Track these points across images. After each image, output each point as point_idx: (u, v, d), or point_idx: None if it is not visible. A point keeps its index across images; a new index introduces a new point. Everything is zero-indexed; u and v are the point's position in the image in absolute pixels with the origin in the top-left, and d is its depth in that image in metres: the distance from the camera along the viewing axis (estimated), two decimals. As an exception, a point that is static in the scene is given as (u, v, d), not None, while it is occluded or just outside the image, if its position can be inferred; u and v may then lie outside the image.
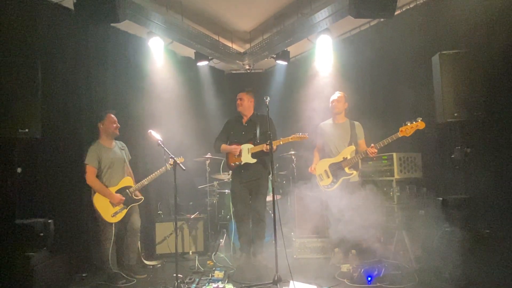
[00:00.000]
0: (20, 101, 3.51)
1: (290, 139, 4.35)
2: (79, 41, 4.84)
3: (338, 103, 4.64)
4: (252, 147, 4.60)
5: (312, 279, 3.81)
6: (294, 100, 6.47)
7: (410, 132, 4.05)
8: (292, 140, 4.36)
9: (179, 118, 6.17)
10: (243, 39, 6.57)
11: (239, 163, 4.66)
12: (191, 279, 4.05)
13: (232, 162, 4.74)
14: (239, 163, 4.65)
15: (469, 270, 3.32)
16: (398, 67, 5.10)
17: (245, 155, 4.63)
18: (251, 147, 4.61)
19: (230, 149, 4.73)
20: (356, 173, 4.50)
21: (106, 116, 4.41)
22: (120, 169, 4.47)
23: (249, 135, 4.69)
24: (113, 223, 4.23)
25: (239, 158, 4.64)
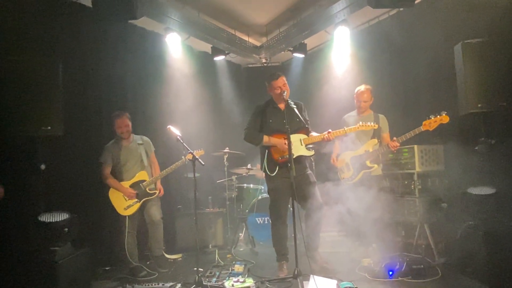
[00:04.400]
0: (42, 100, 3.58)
1: (358, 128, 4.05)
2: (97, 38, 4.90)
3: (364, 96, 4.55)
4: (307, 138, 4.09)
5: (332, 274, 3.79)
6: (312, 93, 6.41)
7: (434, 126, 3.96)
8: (359, 129, 4.07)
9: (197, 113, 6.21)
10: (259, 33, 6.53)
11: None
12: (211, 273, 4.09)
13: (280, 156, 4.08)
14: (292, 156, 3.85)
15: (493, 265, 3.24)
16: (418, 58, 4.97)
17: (297, 147, 4.05)
18: (304, 138, 4.11)
19: (279, 143, 4.04)
20: (378, 166, 4.44)
21: (115, 120, 4.50)
22: (136, 164, 4.55)
23: (293, 123, 3.97)
24: (126, 216, 4.35)
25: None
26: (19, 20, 3.97)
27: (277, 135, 4.08)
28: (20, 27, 3.97)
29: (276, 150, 4.10)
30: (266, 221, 5.56)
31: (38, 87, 3.56)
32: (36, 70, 3.58)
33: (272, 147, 4.12)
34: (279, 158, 4.08)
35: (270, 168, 4.10)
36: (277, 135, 4.08)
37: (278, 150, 4.09)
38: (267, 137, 4.11)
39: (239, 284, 3.25)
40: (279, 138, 4.04)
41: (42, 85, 3.58)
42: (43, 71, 3.61)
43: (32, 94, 3.54)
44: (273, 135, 4.10)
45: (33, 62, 3.57)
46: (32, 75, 3.55)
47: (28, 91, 3.52)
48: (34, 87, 3.54)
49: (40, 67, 3.60)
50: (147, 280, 4.09)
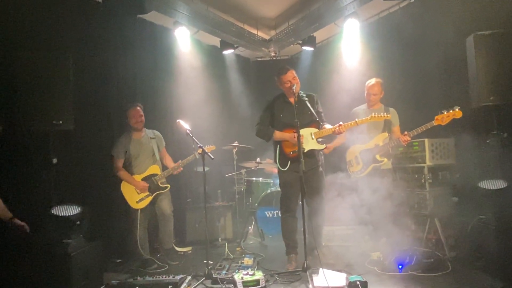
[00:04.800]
0: (53, 94, 3.61)
1: (369, 119, 3.99)
2: (107, 33, 4.92)
3: (374, 89, 4.50)
4: (318, 131, 4.05)
5: (342, 267, 3.80)
6: (321, 86, 6.37)
7: (446, 121, 3.90)
8: (371, 120, 4.00)
9: (206, 107, 6.22)
10: (268, 26, 6.50)
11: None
12: (221, 266, 4.13)
13: (291, 150, 4.05)
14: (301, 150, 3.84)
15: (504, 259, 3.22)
16: (429, 50, 4.91)
17: (308, 141, 4.02)
18: (315, 131, 4.06)
19: (288, 136, 4.02)
20: (387, 160, 4.41)
21: (128, 110, 4.52)
22: (148, 158, 4.59)
23: (304, 117, 3.96)
24: (138, 209, 4.40)
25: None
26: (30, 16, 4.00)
27: (288, 130, 4.05)
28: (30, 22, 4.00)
29: (288, 145, 4.08)
30: (275, 215, 5.57)
31: (49, 82, 3.60)
32: (47, 65, 3.61)
33: (283, 142, 4.11)
34: (291, 152, 4.06)
35: (282, 162, 4.10)
36: (288, 129, 4.05)
37: (289, 145, 4.07)
38: (277, 132, 4.10)
39: (249, 277, 3.26)
40: (290, 133, 4.00)
41: (53, 80, 3.62)
42: (54, 66, 3.64)
43: (43, 89, 3.57)
44: (284, 130, 4.09)
45: (44, 57, 3.60)
46: (43, 70, 3.59)
47: (39, 86, 3.56)
48: (45, 82, 3.58)
49: (51, 62, 3.63)
50: (158, 273, 4.14)
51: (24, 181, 3.78)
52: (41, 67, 3.58)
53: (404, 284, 3.29)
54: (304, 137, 3.96)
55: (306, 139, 4.00)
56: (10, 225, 3.22)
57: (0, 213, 3.20)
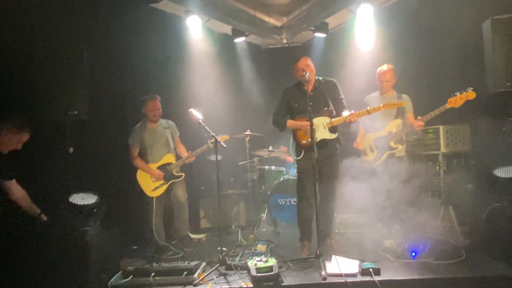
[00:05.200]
0: (68, 85, 3.70)
1: (382, 107, 3.94)
2: (119, 23, 4.93)
3: (387, 75, 4.44)
4: (330, 121, 4.03)
5: (355, 254, 3.81)
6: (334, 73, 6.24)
7: (460, 103, 3.85)
8: (384, 108, 3.95)
9: (218, 95, 6.23)
10: (280, 12, 6.42)
11: None
12: (234, 252, 4.19)
13: (304, 140, 4.06)
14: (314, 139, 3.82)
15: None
16: (445, 35, 4.80)
17: (321, 131, 4.01)
18: (327, 121, 4.04)
19: (300, 125, 4.03)
20: (402, 147, 4.38)
21: (147, 103, 4.55)
22: (163, 147, 4.64)
23: (319, 105, 3.96)
24: (154, 197, 4.48)
25: None
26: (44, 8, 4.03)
27: (302, 119, 4.04)
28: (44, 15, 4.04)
29: (301, 134, 4.08)
30: (288, 203, 5.60)
31: (64, 74, 3.67)
32: (62, 56, 3.68)
33: (297, 131, 4.12)
34: (304, 142, 4.07)
35: (297, 151, 4.14)
36: (302, 118, 4.04)
37: (302, 134, 4.07)
38: (290, 121, 4.12)
39: (262, 263, 3.30)
40: (302, 122, 3.99)
41: (67, 72, 3.69)
42: (68, 57, 3.71)
43: (59, 81, 3.65)
44: (298, 119, 4.09)
45: (58, 49, 3.67)
46: (58, 61, 3.66)
47: (55, 78, 3.64)
48: (60, 73, 3.66)
49: (65, 53, 3.70)
50: (173, 259, 4.22)
51: (42, 170, 3.88)
52: (55, 58, 3.65)
53: (417, 272, 3.29)
54: (317, 126, 3.96)
55: (318, 129, 4.00)
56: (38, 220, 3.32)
57: (29, 209, 3.29)
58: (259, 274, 3.20)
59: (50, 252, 3.35)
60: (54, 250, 3.36)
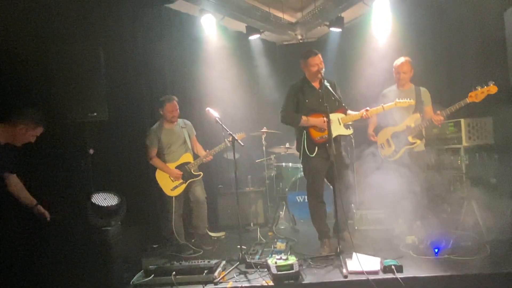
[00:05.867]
0: (87, 87, 3.74)
1: (395, 105, 4.02)
2: (135, 24, 4.99)
3: (404, 68, 4.35)
4: (345, 117, 4.04)
5: (376, 251, 3.76)
6: (351, 68, 6.23)
7: (481, 98, 3.75)
8: (396, 106, 4.03)
9: (234, 93, 6.23)
10: (294, 8, 6.38)
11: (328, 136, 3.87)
12: (254, 250, 4.19)
13: (318, 136, 4.00)
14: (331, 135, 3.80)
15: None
16: (465, 25, 4.67)
17: (336, 126, 3.99)
18: (341, 116, 4.03)
19: (320, 122, 3.96)
20: (420, 142, 4.29)
21: (165, 104, 4.56)
22: (180, 147, 4.66)
23: (332, 102, 3.89)
24: (173, 196, 4.51)
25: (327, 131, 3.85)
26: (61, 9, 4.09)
27: (315, 115, 4.01)
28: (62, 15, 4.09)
29: (315, 130, 4.03)
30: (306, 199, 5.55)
31: (82, 75, 3.72)
32: (80, 58, 3.72)
33: (310, 128, 4.05)
34: (318, 138, 4.02)
35: (310, 148, 4.04)
36: (315, 114, 4.01)
37: (317, 130, 4.02)
38: (305, 117, 4.03)
39: (282, 261, 3.29)
40: (317, 118, 3.97)
41: (85, 73, 3.73)
42: (85, 59, 3.75)
43: (77, 82, 3.70)
44: (311, 115, 4.03)
45: (75, 50, 3.71)
46: (76, 63, 3.70)
47: (73, 80, 3.68)
48: (78, 75, 3.70)
49: (83, 55, 3.74)
50: (194, 257, 4.25)
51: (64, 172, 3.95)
52: (73, 60, 3.70)
53: (441, 268, 3.23)
54: (332, 122, 3.91)
55: (334, 125, 3.97)
56: (35, 211, 3.37)
57: (27, 201, 3.36)
58: (280, 272, 3.19)
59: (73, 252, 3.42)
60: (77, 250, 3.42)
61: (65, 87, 3.71)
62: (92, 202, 3.52)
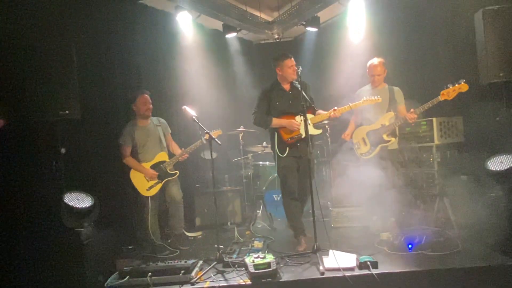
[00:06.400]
0: (58, 84, 3.63)
1: (361, 103, 4.11)
2: (108, 20, 4.87)
3: (377, 68, 4.44)
4: (314, 117, 4.14)
5: (351, 248, 3.82)
6: (327, 67, 6.30)
7: (452, 96, 3.86)
8: (363, 104, 4.11)
9: (211, 91, 6.19)
10: (271, 7, 6.39)
11: (297, 136, 4.11)
12: (231, 250, 4.17)
13: (289, 137, 4.15)
14: (298, 136, 4.10)
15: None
16: (437, 26, 4.81)
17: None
18: (311, 117, 4.12)
19: (289, 123, 4.09)
20: (395, 140, 4.38)
21: (137, 98, 4.49)
22: (155, 145, 4.59)
23: (299, 103, 3.96)
24: (149, 196, 4.43)
25: (297, 131, 4.10)
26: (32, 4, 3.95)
27: (285, 117, 4.15)
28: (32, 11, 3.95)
29: (285, 131, 4.16)
30: (282, 198, 5.59)
31: (54, 72, 3.61)
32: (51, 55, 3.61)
33: (281, 129, 4.18)
34: (289, 139, 4.15)
35: (281, 149, 4.18)
36: (285, 116, 4.16)
37: (287, 131, 4.15)
38: (275, 119, 4.16)
39: (260, 260, 3.29)
40: (287, 119, 4.11)
41: (57, 70, 3.62)
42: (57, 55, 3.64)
43: (48, 79, 3.59)
44: (281, 117, 4.17)
45: (47, 47, 3.59)
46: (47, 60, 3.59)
47: (44, 77, 3.57)
48: (50, 72, 3.58)
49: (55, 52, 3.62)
50: (170, 258, 4.19)
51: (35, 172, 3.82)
52: (45, 57, 3.58)
53: (415, 264, 3.30)
54: (302, 123, 4.03)
55: (303, 126, 4.05)
56: None
57: None
58: (257, 270, 3.19)
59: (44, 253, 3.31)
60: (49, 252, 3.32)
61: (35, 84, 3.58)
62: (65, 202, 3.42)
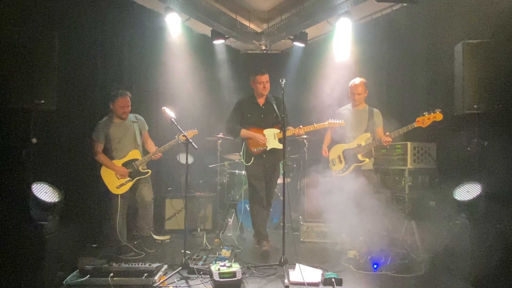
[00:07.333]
0: (37, 72, 3.51)
1: (326, 125, 4.34)
2: (96, 13, 4.81)
3: (358, 88, 4.53)
4: (279, 133, 4.34)
5: (318, 263, 3.83)
6: (310, 83, 6.39)
7: (427, 123, 3.98)
8: (328, 125, 4.36)
9: (193, 95, 6.17)
10: (261, 19, 6.46)
11: (263, 148, 4.39)
12: (198, 256, 4.11)
13: (255, 148, 4.41)
14: (263, 148, 4.39)
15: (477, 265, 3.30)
16: (418, 55, 4.97)
17: (271, 141, 4.39)
18: (277, 132, 4.39)
19: (255, 136, 4.37)
20: (369, 160, 4.46)
21: (116, 99, 4.42)
22: (130, 142, 4.52)
23: (270, 118, 4.42)
24: (119, 195, 4.35)
25: (263, 144, 4.37)
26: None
27: (254, 129, 4.42)
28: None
29: (252, 143, 4.41)
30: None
31: (33, 60, 3.48)
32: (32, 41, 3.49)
33: (249, 140, 4.43)
34: (254, 150, 4.41)
35: (247, 158, 4.46)
36: (254, 128, 4.42)
37: (254, 143, 4.40)
38: (244, 130, 4.43)
39: (225, 268, 3.26)
40: (256, 132, 4.39)
41: (37, 57, 3.50)
42: (39, 43, 3.52)
43: (27, 67, 3.46)
44: (250, 129, 4.42)
45: (29, 34, 3.48)
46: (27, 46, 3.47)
47: (23, 63, 3.44)
48: (29, 59, 3.46)
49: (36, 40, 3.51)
50: (134, 260, 4.11)
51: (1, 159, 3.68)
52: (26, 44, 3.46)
53: (377, 283, 3.35)
54: (268, 136, 4.38)
55: (270, 139, 4.38)
56: None
57: None
58: (222, 279, 3.16)
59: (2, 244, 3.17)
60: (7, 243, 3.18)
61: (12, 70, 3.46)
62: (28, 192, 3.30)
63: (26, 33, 3.49)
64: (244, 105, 4.55)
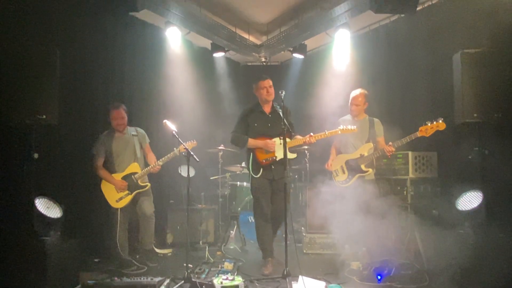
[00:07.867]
0: (38, 87, 3.54)
1: (339, 132, 4.17)
2: (97, 28, 4.86)
3: (358, 99, 4.55)
4: (290, 141, 4.13)
5: (321, 275, 3.80)
6: (310, 94, 6.41)
7: (430, 133, 3.99)
8: (341, 132, 4.18)
9: (194, 108, 6.21)
10: (260, 31, 6.52)
11: (272, 158, 4.17)
12: (201, 269, 4.09)
13: (264, 158, 4.19)
14: (273, 158, 4.17)
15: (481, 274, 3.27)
16: (417, 65, 5.00)
17: (281, 150, 4.10)
18: (288, 141, 4.08)
19: (264, 144, 4.17)
20: (372, 171, 4.46)
21: (111, 111, 4.46)
22: (130, 156, 4.54)
23: (277, 127, 4.08)
24: (119, 208, 4.34)
25: (272, 153, 4.16)
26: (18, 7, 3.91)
27: (262, 138, 4.22)
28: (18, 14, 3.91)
29: (261, 153, 4.22)
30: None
31: (35, 75, 3.52)
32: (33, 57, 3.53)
33: (256, 150, 4.23)
34: (263, 160, 4.21)
35: (255, 169, 4.24)
36: (261, 138, 4.22)
37: (262, 153, 4.21)
38: (251, 140, 4.23)
39: (228, 282, 3.24)
40: (263, 141, 4.18)
41: (38, 73, 3.55)
42: (40, 58, 3.57)
43: (28, 81, 3.50)
44: (258, 138, 4.23)
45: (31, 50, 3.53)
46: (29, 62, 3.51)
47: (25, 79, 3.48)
48: (31, 74, 3.50)
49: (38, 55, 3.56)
50: (136, 274, 4.07)
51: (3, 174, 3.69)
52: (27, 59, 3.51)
53: (382, 295, 3.32)
54: (277, 146, 4.15)
55: (279, 148, 4.14)
56: None
57: None
58: (225, 292, 3.13)
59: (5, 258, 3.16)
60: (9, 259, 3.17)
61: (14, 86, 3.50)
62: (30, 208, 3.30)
63: (27, 49, 3.54)
64: (250, 114, 4.34)
